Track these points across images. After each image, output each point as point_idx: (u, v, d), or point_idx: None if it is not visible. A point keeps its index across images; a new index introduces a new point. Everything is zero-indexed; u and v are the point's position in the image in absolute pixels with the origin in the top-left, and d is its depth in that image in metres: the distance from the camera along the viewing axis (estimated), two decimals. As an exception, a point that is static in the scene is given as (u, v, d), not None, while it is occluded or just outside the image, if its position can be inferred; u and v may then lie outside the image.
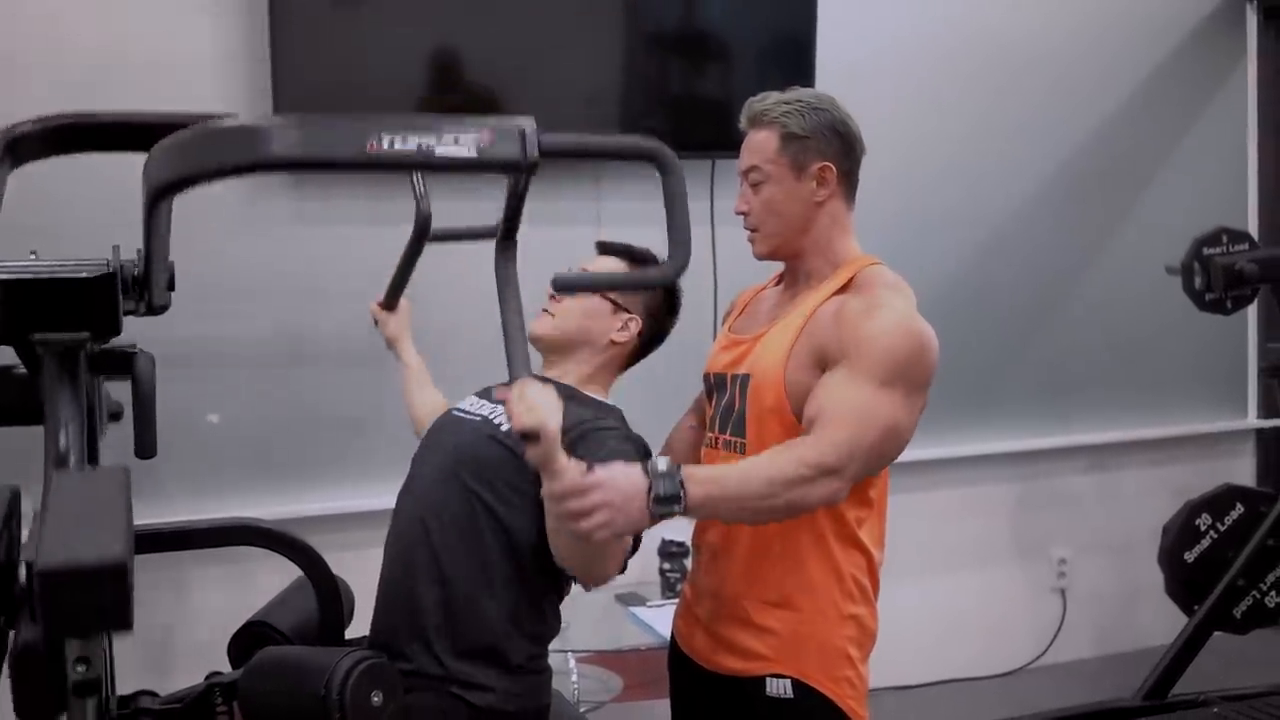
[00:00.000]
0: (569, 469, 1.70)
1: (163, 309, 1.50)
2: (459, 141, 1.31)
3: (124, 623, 0.96)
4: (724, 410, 2.10)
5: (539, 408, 1.63)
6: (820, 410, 1.90)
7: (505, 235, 1.61)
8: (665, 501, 1.75)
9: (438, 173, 1.51)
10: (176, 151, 1.24)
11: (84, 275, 1.37)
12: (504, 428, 2.03)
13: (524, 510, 1.98)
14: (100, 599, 0.94)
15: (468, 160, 1.33)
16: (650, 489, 1.75)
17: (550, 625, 2.10)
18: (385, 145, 1.27)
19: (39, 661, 1.02)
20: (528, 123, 1.37)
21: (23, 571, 1.07)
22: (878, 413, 1.89)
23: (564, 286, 1.97)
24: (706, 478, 1.82)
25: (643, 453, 2.06)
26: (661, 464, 1.78)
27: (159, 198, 1.28)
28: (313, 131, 1.29)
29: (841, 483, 1.87)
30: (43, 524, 0.99)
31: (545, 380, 2.13)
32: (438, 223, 2.22)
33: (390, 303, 2.50)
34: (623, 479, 1.74)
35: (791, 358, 1.98)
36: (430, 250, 2.60)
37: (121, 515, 0.99)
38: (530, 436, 1.65)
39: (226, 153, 1.25)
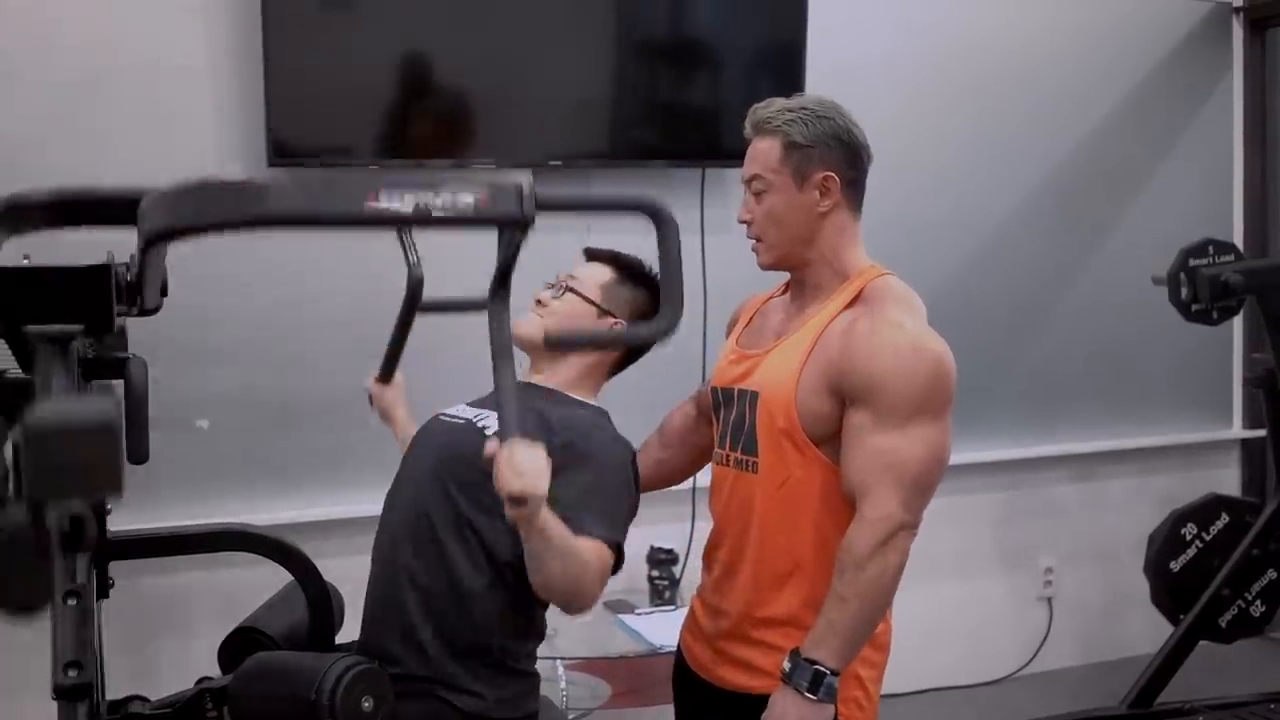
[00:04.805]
0: (550, 524, 1.74)
1: (155, 310, 1.50)
2: (457, 198, 1.31)
3: (113, 484, 0.95)
4: (734, 426, 2.07)
5: (528, 473, 1.63)
6: (858, 482, 1.92)
7: (498, 288, 1.59)
8: (819, 687, 1.87)
9: (434, 229, 1.52)
10: (174, 201, 1.25)
11: (77, 265, 1.37)
12: (488, 430, 2.01)
13: (503, 520, 1.96)
14: (89, 457, 0.93)
15: (465, 217, 1.33)
16: (804, 691, 1.87)
17: (537, 627, 2.09)
18: (383, 203, 1.27)
19: (24, 542, 1.00)
20: (524, 178, 1.37)
21: (9, 452, 1.04)
22: (910, 454, 1.90)
23: (555, 344, 1.98)
24: (821, 640, 1.90)
25: (628, 455, 2.06)
26: (789, 667, 1.90)
27: (152, 243, 1.28)
28: (310, 188, 1.30)
29: (909, 529, 1.94)
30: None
31: (530, 386, 2.13)
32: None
33: (386, 376, 2.37)
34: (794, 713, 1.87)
35: (802, 379, 1.96)
36: (427, 253, 2.60)
37: (110, 396, 0.98)
38: (517, 500, 1.65)
39: (224, 207, 1.25)
